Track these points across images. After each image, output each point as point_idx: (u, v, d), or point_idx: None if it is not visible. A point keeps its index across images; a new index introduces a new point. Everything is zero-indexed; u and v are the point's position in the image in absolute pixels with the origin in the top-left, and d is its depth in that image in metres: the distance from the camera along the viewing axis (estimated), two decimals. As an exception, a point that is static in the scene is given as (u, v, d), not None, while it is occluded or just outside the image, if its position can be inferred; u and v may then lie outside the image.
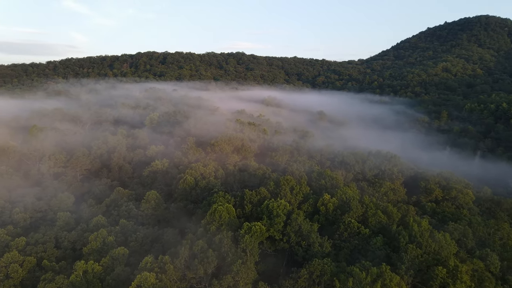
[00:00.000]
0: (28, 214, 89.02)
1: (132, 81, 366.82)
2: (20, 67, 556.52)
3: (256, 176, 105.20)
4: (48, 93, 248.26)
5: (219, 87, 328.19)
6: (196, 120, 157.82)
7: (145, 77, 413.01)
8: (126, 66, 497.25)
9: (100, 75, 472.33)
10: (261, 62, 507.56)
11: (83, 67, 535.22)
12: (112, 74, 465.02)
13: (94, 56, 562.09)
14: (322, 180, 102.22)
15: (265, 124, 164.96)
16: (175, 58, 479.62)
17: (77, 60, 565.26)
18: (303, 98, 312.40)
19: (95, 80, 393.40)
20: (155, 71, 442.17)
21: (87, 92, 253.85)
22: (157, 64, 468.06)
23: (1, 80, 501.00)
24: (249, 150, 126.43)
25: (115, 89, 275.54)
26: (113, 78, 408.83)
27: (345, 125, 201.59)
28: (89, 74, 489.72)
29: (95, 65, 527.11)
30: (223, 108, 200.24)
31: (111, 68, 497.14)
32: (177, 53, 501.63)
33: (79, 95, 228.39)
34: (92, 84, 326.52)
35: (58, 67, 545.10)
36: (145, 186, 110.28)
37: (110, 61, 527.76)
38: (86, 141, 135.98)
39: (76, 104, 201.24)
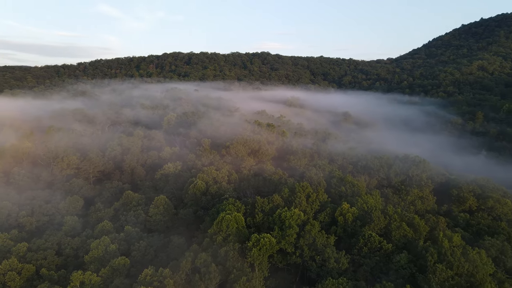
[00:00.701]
0: (35, 217, 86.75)
1: (156, 81, 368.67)
2: (53, 69, 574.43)
3: (271, 181, 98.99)
4: (72, 93, 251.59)
5: (242, 87, 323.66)
6: (213, 121, 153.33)
7: (170, 77, 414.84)
8: (152, 67, 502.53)
9: (127, 76, 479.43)
10: (286, 62, 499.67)
11: (111, 68, 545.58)
12: (138, 74, 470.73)
13: (122, 58, 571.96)
14: (342, 187, 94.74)
15: (285, 126, 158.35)
16: (200, 59, 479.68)
17: (105, 61, 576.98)
18: (328, 98, 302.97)
19: (121, 81, 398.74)
20: (179, 71, 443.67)
21: (110, 93, 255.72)
22: (182, 65, 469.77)
23: (35, 81, 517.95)
24: (266, 153, 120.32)
25: (137, 90, 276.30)
26: (139, 79, 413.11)
27: (371, 127, 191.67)
28: (116, 75, 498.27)
29: (123, 66, 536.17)
30: (243, 109, 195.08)
31: (138, 69, 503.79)
32: (202, 53, 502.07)
33: (102, 96, 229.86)
34: (116, 85, 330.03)
35: (88, 68, 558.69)
36: (157, 189, 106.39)
37: (137, 62, 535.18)
38: (101, 142, 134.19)
39: (97, 104, 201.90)
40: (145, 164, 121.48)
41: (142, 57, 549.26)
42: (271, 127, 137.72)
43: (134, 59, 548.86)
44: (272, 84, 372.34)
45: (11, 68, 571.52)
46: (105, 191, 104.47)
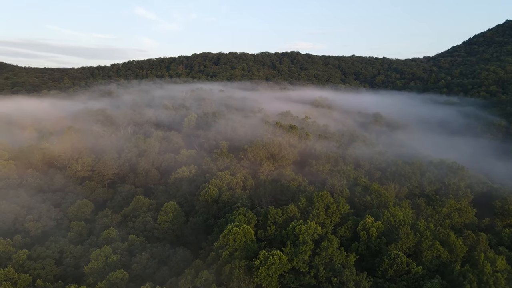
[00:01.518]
0: (41, 222, 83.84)
1: (183, 81, 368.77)
2: (88, 70, 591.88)
3: (289, 188, 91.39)
4: (99, 94, 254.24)
5: (269, 87, 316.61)
6: (234, 122, 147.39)
7: (198, 77, 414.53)
8: (181, 67, 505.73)
9: (157, 77, 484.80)
10: (316, 61, 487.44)
11: (142, 69, 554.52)
12: (168, 75, 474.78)
13: (154, 58, 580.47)
14: (367, 197, 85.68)
15: (310, 128, 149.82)
16: (229, 59, 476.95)
17: (137, 62, 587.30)
18: (358, 98, 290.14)
19: (151, 81, 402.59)
20: (208, 71, 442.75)
21: (136, 93, 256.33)
22: (211, 65, 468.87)
23: (71, 82, 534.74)
24: (286, 157, 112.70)
25: (163, 90, 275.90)
26: (167, 79, 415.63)
27: (404, 129, 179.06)
28: (147, 76, 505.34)
29: (154, 67, 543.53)
30: (267, 110, 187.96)
31: (168, 70, 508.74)
32: (230, 53, 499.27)
33: (127, 96, 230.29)
34: (144, 85, 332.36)
35: (120, 69, 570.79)
36: (170, 194, 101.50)
37: (168, 62, 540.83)
38: (119, 144, 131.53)
39: (122, 105, 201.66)
40: (160, 167, 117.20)
41: (172, 58, 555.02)
42: (294, 129, 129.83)
43: (165, 60, 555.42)
44: (301, 84, 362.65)
45: (50, 69, 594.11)
46: (117, 195, 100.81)
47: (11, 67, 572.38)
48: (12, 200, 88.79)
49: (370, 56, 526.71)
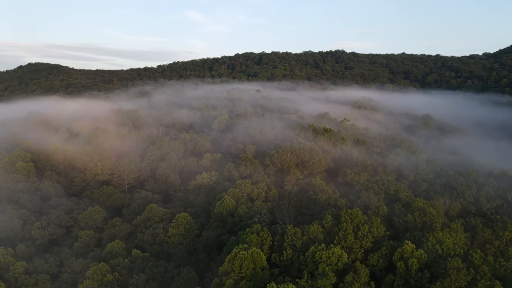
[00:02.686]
0: (49, 230, 79.38)
1: (224, 82, 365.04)
2: (136, 71, 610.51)
3: (316, 202, 80.00)
4: (137, 94, 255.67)
5: (310, 87, 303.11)
6: (265, 124, 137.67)
7: (239, 78, 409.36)
8: (224, 68, 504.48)
9: (199, 77, 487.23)
10: (363, 60, 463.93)
11: (186, 69, 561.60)
12: (210, 75, 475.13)
13: (197, 59, 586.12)
14: (409, 215, 72.19)
15: (348, 131, 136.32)
16: (271, 58, 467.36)
17: (182, 63, 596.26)
18: (406, 99, 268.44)
19: (193, 82, 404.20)
20: (249, 71, 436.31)
21: (173, 93, 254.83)
22: (252, 65, 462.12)
23: (120, 83, 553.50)
24: (317, 165, 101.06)
25: (200, 90, 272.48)
26: (209, 79, 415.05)
27: (457, 133, 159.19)
28: (190, 76, 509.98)
29: (197, 68, 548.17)
30: (304, 111, 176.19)
31: (210, 70, 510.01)
32: (273, 53, 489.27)
33: (163, 97, 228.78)
34: (182, 85, 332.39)
35: (166, 70, 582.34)
36: (188, 202, 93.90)
37: (210, 63, 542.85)
38: (144, 146, 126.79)
39: (156, 105, 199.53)
40: (182, 172, 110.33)
41: (215, 58, 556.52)
42: (328, 133, 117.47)
43: (208, 60, 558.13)
44: (345, 84, 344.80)
45: (101, 71, 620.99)
46: (133, 201, 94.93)
47: (67, 69, 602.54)
48: (24, 205, 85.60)
49: (422, 54, 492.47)
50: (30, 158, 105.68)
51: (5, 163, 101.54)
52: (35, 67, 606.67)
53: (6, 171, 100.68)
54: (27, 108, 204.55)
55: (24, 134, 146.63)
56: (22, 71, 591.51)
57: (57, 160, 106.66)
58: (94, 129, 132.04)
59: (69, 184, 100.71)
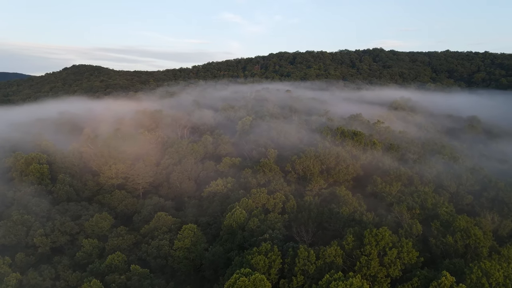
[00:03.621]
0: (52, 237, 75.42)
1: (256, 81, 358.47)
2: (171, 72, 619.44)
3: (339, 216, 70.63)
4: (164, 94, 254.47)
5: (344, 87, 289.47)
6: (290, 126, 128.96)
7: (272, 78, 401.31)
8: (257, 68, 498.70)
9: (233, 77, 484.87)
10: (402, 58, 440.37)
11: (220, 70, 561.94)
12: (243, 75, 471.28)
13: (231, 60, 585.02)
14: (448, 237, 61.28)
15: (381, 134, 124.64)
16: (305, 58, 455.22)
17: (216, 64, 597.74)
18: (450, 99, 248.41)
19: (225, 82, 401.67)
20: (282, 71, 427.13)
21: (203, 93, 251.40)
22: (286, 65, 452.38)
23: (155, 84, 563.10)
24: (344, 172, 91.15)
25: (228, 91, 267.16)
26: (242, 79, 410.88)
27: (509, 137, 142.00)
28: (223, 76, 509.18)
29: (231, 68, 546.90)
30: (335, 112, 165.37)
31: (244, 70, 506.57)
32: (307, 52, 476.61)
33: (189, 97, 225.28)
34: (214, 85, 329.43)
35: (200, 71, 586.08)
36: (202, 211, 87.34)
37: (244, 63, 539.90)
38: (164, 148, 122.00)
39: (183, 105, 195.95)
40: (198, 177, 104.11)
41: (249, 59, 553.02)
42: (359, 136, 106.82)
43: (242, 60, 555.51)
44: (382, 83, 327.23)
45: (139, 72, 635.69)
46: (144, 208, 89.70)
47: (107, 70, 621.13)
48: (31, 210, 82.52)
49: (468, 51, 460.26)
50: (45, 160, 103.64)
51: (21, 165, 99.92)
52: (78, 69, 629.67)
53: (21, 173, 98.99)
54: (61, 108, 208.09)
55: (49, 134, 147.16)
56: (67, 72, 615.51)
57: (72, 162, 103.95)
58: (114, 130, 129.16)
59: (82, 188, 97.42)
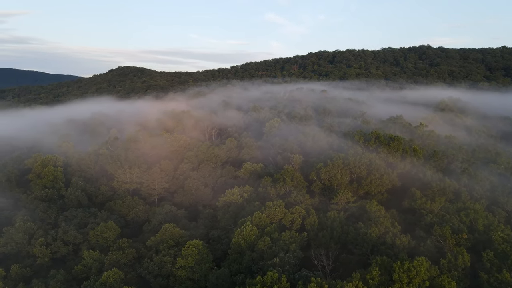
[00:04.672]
0: (53, 247, 70.75)
1: (292, 81, 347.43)
2: (210, 73, 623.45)
3: (367, 238, 59.73)
4: (196, 94, 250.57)
5: (386, 87, 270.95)
6: (320, 129, 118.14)
7: (309, 77, 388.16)
8: (295, 67, 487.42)
9: (270, 77, 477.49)
10: (452, 55, 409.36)
11: (258, 70, 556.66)
12: (281, 75, 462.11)
13: (270, 59, 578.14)
14: (504, 272, 48.76)
15: (424, 139, 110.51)
16: (345, 57, 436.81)
17: (254, 64, 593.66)
18: (508, 100, 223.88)
19: (261, 82, 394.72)
20: (321, 71, 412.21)
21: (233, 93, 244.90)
22: (325, 64, 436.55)
23: (194, 84, 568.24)
24: (377, 183, 79.50)
25: (262, 91, 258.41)
26: (279, 79, 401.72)
27: None
28: (261, 76, 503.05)
29: (269, 68, 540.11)
30: (373, 113, 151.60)
31: (282, 70, 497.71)
32: (347, 51, 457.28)
33: (221, 97, 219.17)
34: (249, 85, 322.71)
35: (238, 71, 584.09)
36: (216, 222, 79.55)
37: (282, 63, 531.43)
38: (185, 151, 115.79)
39: (213, 106, 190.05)
40: (216, 184, 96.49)
41: (287, 58, 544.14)
42: (397, 142, 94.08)
43: (280, 60, 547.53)
44: (428, 82, 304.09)
45: (179, 73, 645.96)
46: (155, 216, 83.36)
47: (150, 72, 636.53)
48: (37, 216, 78.75)
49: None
50: (62, 162, 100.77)
51: (37, 167, 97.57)
52: (123, 70, 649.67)
53: (38, 175, 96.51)
54: (95, 109, 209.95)
55: (78, 135, 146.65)
56: (112, 74, 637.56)
57: (88, 165, 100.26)
58: (136, 131, 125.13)
59: (95, 193, 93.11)
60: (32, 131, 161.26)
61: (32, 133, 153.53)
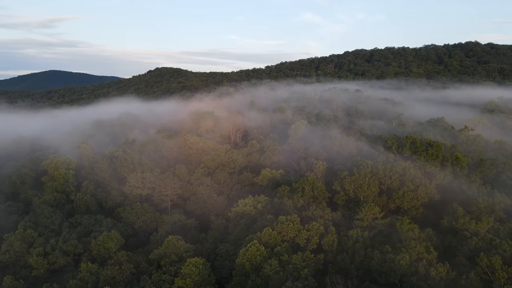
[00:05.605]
0: (50, 258, 66.37)
1: (326, 81, 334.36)
2: (244, 73, 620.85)
3: (394, 266, 49.95)
4: (220, 94, 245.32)
5: (426, 86, 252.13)
6: (349, 132, 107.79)
7: (345, 77, 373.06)
8: (331, 67, 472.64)
9: (304, 76, 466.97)
10: (503, 52, 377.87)
11: (293, 69, 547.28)
12: (316, 74, 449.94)
13: (305, 59, 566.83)
14: None
15: (469, 145, 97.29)
16: (383, 55, 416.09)
17: (288, 63, 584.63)
18: None
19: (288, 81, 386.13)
20: (357, 70, 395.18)
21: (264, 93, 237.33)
22: (362, 63, 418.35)
23: (229, 84, 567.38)
24: (410, 196, 68.86)
25: (292, 91, 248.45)
26: (312, 79, 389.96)
27: None
28: (295, 76, 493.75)
29: (303, 67, 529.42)
30: (410, 115, 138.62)
31: (316, 70, 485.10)
32: (386, 49, 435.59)
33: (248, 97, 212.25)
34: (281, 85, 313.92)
35: (272, 71, 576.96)
36: (225, 235, 72.22)
37: (318, 62, 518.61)
38: (204, 154, 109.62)
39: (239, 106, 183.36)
40: (231, 191, 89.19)
41: (323, 58, 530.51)
42: (436, 148, 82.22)
43: (315, 60, 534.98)
44: (475, 81, 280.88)
45: (214, 74, 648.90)
46: (163, 226, 77.35)
47: (185, 72, 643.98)
48: (42, 222, 75.07)
49: None
50: (75, 165, 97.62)
51: (51, 169, 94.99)
52: (160, 71, 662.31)
53: (52, 178, 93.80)
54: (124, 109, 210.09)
55: (101, 136, 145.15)
56: (150, 75, 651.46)
57: (101, 168, 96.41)
58: (154, 133, 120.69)
59: (105, 197, 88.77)
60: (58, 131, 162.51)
61: (56, 134, 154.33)
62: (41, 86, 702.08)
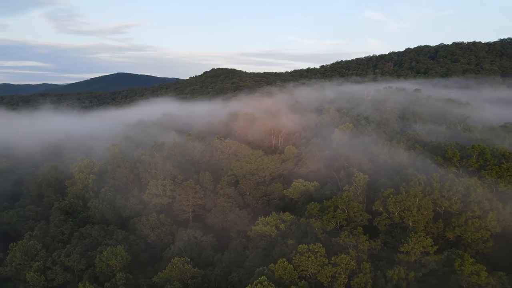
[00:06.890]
0: (49, 274, 60.54)
1: (383, 80, 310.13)
2: (298, 73, 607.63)
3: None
4: (265, 94, 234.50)
5: (501, 85, 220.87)
6: (400, 139, 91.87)
7: (404, 75, 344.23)
8: (389, 65, 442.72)
9: (360, 76, 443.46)
10: None
11: (348, 69, 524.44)
12: (373, 73, 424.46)
13: (362, 58, 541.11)
14: None
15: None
16: (450, 51, 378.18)
17: (344, 62, 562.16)
18: None
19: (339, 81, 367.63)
20: (419, 68, 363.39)
21: (314, 93, 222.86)
22: (425, 60, 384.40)
23: (282, 84, 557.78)
24: (475, 225, 53.12)
25: (342, 91, 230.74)
26: (369, 77, 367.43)
27: None
28: (351, 75, 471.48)
29: (360, 66, 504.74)
30: (479, 118, 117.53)
31: (374, 68, 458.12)
32: (454, 44, 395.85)
33: (292, 98, 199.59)
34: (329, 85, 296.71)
35: (327, 70, 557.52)
36: (242, 259, 61.74)
37: (375, 61, 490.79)
38: (234, 161, 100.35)
39: (281, 108, 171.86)
40: (257, 204, 78.45)
41: (381, 55, 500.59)
42: (510, 163, 64.83)
43: (373, 58, 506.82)
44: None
45: (268, 74, 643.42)
46: (177, 242, 68.83)
47: (240, 73, 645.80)
48: (50, 231, 70.22)
49: None
50: (98, 168, 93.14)
51: (76, 172, 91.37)
52: (215, 72, 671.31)
53: (74, 182, 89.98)
54: (168, 110, 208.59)
55: (141, 136, 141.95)
56: (205, 76, 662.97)
57: (123, 173, 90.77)
58: (186, 136, 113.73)
59: (123, 205, 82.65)
60: (106, 131, 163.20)
61: (105, 134, 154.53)
62: (109, 88, 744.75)
